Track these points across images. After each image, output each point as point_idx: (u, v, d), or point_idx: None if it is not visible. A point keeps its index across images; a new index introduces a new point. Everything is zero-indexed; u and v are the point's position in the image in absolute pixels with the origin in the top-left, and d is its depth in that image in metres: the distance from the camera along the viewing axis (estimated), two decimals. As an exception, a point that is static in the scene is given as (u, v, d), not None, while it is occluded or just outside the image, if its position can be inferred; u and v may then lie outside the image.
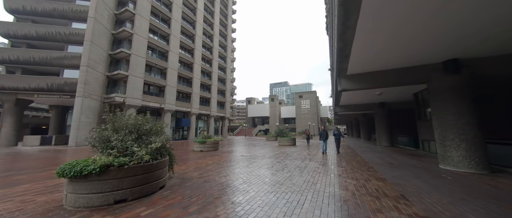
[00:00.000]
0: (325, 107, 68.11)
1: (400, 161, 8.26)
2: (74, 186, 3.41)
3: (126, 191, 3.60)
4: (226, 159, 8.81)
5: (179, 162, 8.05)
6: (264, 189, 4.38)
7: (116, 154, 3.73)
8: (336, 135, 11.15)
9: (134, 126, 4.47)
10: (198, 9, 32.47)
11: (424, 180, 5.16)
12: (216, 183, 4.85)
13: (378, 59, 6.83)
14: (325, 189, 4.38)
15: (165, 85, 24.97)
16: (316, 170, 6.44)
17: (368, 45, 5.78)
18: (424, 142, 11.90)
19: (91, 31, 18.01)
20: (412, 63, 7.30)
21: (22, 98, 18.39)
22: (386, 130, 16.21)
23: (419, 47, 5.90)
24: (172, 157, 5.33)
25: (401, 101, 15.53)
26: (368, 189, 4.33)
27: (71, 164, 3.49)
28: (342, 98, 14.27)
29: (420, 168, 6.86)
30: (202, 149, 12.27)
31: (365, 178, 5.32)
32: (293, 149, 13.58)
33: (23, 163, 8.49)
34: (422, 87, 11.21)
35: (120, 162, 3.58)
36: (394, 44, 5.75)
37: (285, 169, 6.59)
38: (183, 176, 5.54)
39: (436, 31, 4.97)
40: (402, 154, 10.86)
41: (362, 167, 6.91)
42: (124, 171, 3.59)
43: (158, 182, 4.17)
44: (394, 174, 5.84)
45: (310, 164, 7.47)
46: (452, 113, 6.61)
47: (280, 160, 8.46)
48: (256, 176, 5.55)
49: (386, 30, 4.92)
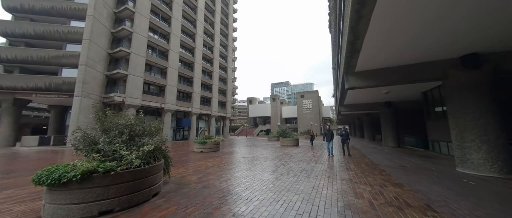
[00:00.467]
0: (326, 107, 67.44)
1: (412, 163, 7.75)
2: (52, 195, 2.98)
3: (113, 200, 3.16)
4: (227, 161, 8.36)
5: (178, 164, 7.62)
6: (269, 197, 3.92)
7: (100, 158, 3.29)
8: (343, 135, 10.05)
9: (125, 126, 4.03)
10: (198, 8, 32.08)
11: (445, 186, 4.66)
12: (216, 189, 4.40)
13: (391, 54, 6.34)
14: (338, 196, 3.91)
15: (165, 84, 24.59)
16: (324, 173, 5.96)
17: (382, 38, 5.29)
18: (434, 143, 11.36)
19: (90, 30, 17.66)
20: (427, 58, 6.79)
21: (20, 98, 18.09)
22: (393, 130, 15.66)
23: (437, 39, 5.40)
24: (168, 160, 4.89)
25: (409, 100, 14.99)
26: (386, 197, 3.86)
27: (49, 169, 3.06)
28: (347, 98, 13.77)
29: (436, 171, 6.36)
30: (202, 150, 11.84)
31: (380, 184, 4.83)
32: (296, 149, 13.10)
33: (15, 164, 8.11)
34: (432, 86, 10.70)
35: (106, 167, 3.14)
36: (410, 36, 5.26)
37: (291, 172, 6.12)
38: (180, 181, 5.09)
39: (457, 21, 4.48)
40: (411, 155, 10.34)
41: (373, 170, 6.42)
42: (111, 178, 3.15)
43: (150, 189, 3.73)
44: (410, 179, 5.35)
45: (316, 167, 6.99)
46: (471, 112, 6.10)
47: (284, 162, 7.99)
48: (260, 181, 5.09)
49: (404, 19, 4.44)
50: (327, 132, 10.00)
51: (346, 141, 9.98)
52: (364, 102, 16.97)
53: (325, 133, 10.08)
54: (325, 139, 9.97)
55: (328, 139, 9.87)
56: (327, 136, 9.95)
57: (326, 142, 10.01)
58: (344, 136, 10.00)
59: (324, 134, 10.18)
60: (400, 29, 4.89)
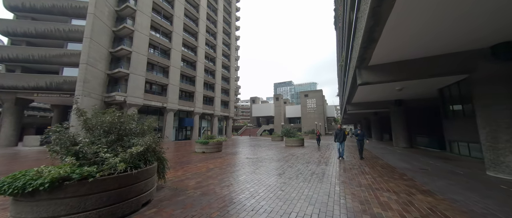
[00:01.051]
0: (331, 106, 66.30)
1: (433, 166, 7.04)
2: (17, 207, 2.46)
3: (92, 213, 2.62)
4: (230, 163, 7.80)
5: (177, 166, 7.10)
6: (278, 207, 3.32)
7: (74, 162, 2.75)
8: (359, 135, 8.77)
9: (112, 124, 3.50)
10: (201, 6, 31.64)
11: (484, 194, 3.99)
12: (216, 196, 3.83)
13: (412, 43, 5.66)
14: (361, 207, 3.29)
15: (167, 84, 24.22)
16: (338, 178, 5.34)
17: (404, 21, 4.63)
18: (452, 143, 10.56)
19: (91, 28, 17.35)
20: (451, 49, 6.08)
21: (21, 97, 17.92)
22: (404, 129, 14.83)
23: (468, 25, 4.71)
24: (164, 162, 4.35)
25: (421, 98, 14.15)
26: (420, 209, 3.22)
27: (14, 176, 2.54)
28: (356, 95, 13.04)
29: (464, 175, 5.66)
30: (204, 150, 11.32)
31: (405, 191, 4.19)
32: (302, 150, 12.46)
33: (8, 165, 7.71)
34: (450, 81, 9.92)
35: (82, 173, 2.60)
36: (438, 21, 4.59)
37: (300, 176, 5.51)
38: (177, 186, 4.54)
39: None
40: (428, 156, 9.59)
41: (392, 174, 5.76)
42: (89, 186, 2.61)
43: (140, 197, 3.18)
44: (438, 185, 4.68)
45: (327, 170, 6.36)
46: (506, 110, 5.38)
47: (291, 164, 7.38)
48: (266, 187, 4.50)
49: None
50: (338, 132, 8.79)
51: (362, 141, 8.79)
52: (373, 101, 16.16)
53: (336, 133, 8.86)
54: (336, 140, 8.76)
55: (339, 139, 8.64)
56: (338, 136, 8.69)
57: (337, 143, 8.76)
58: (360, 135, 8.79)
59: (334, 134, 8.95)
60: (427, 14, 4.23)
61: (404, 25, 4.70)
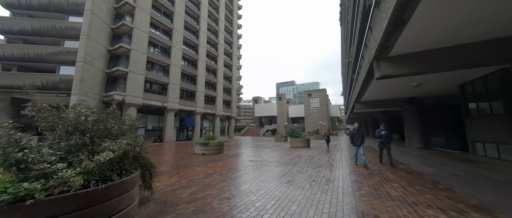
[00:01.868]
0: (334, 106, 65.04)
1: (464, 171, 6.12)
2: None
3: (32, 249, 1.83)
4: (231, 166, 6.99)
5: (172, 170, 6.32)
6: (294, 232, 2.49)
7: (14, 174, 1.96)
8: (382, 136, 7.06)
9: (78, 122, 2.71)
10: (202, 3, 30.95)
11: (557, 212, 3.10)
12: (213, 214, 3.02)
13: (451, 27, 4.77)
14: (405, 234, 2.44)
15: (168, 83, 23.56)
16: (359, 187, 4.48)
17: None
18: (476, 144, 9.58)
19: (88, 25, 16.77)
20: (488, 34, 5.18)
21: (17, 97, 17.40)
22: (418, 129, 13.84)
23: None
24: (150, 169, 3.56)
25: (437, 95, 13.17)
26: (489, 238, 2.36)
27: None
28: (367, 92, 12.10)
29: (508, 183, 4.76)
30: (204, 152, 10.54)
31: (451, 206, 3.31)
32: (310, 151, 11.60)
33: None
34: (474, 76, 8.98)
35: (18, 192, 1.81)
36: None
37: (314, 185, 4.67)
38: (167, 198, 3.75)
39: None
40: (450, 159, 8.65)
41: (423, 182, 4.88)
42: (26, 211, 1.82)
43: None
44: (488, 197, 3.79)
45: (343, 176, 5.51)
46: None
47: (300, 168, 6.54)
48: (275, 199, 3.68)
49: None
50: (355, 133, 7.07)
51: (386, 144, 7.10)
52: (384, 99, 15.19)
53: (352, 133, 7.20)
54: (353, 142, 7.15)
55: (357, 142, 6.99)
56: (355, 137, 7.01)
57: (354, 147, 7.19)
58: (383, 137, 7.10)
59: (350, 135, 7.34)
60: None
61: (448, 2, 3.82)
